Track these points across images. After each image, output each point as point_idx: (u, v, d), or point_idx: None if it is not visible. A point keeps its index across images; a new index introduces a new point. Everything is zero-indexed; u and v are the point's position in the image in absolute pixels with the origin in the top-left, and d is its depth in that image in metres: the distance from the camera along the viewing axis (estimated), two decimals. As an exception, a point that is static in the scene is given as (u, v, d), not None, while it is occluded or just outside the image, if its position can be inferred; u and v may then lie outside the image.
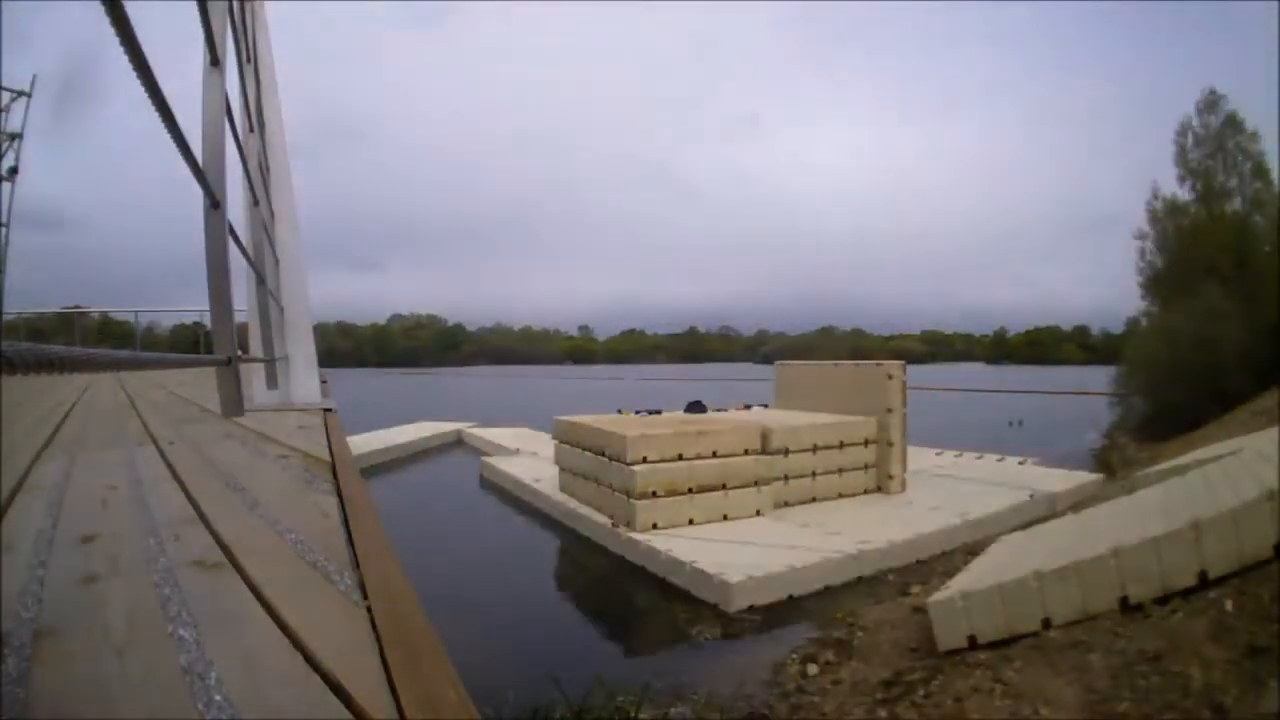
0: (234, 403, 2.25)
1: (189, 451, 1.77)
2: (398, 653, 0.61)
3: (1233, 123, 13.55)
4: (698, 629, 4.97)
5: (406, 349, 76.23)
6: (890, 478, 8.14)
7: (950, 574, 4.73)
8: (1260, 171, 13.28)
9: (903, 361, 8.48)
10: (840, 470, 7.91)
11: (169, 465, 1.55)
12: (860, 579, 5.72)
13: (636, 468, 6.68)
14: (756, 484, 7.17)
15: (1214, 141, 13.65)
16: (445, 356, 76.70)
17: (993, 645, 3.57)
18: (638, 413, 10.83)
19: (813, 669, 4.07)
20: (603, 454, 7.31)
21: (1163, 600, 3.28)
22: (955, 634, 3.73)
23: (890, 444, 8.14)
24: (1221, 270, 12.28)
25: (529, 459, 10.64)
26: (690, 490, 6.81)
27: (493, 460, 10.74)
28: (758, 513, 7.10)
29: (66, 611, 0.69)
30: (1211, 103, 13.82)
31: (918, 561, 6.07)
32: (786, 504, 7.41)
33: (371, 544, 0.95)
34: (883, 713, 3.40)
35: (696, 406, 11.79)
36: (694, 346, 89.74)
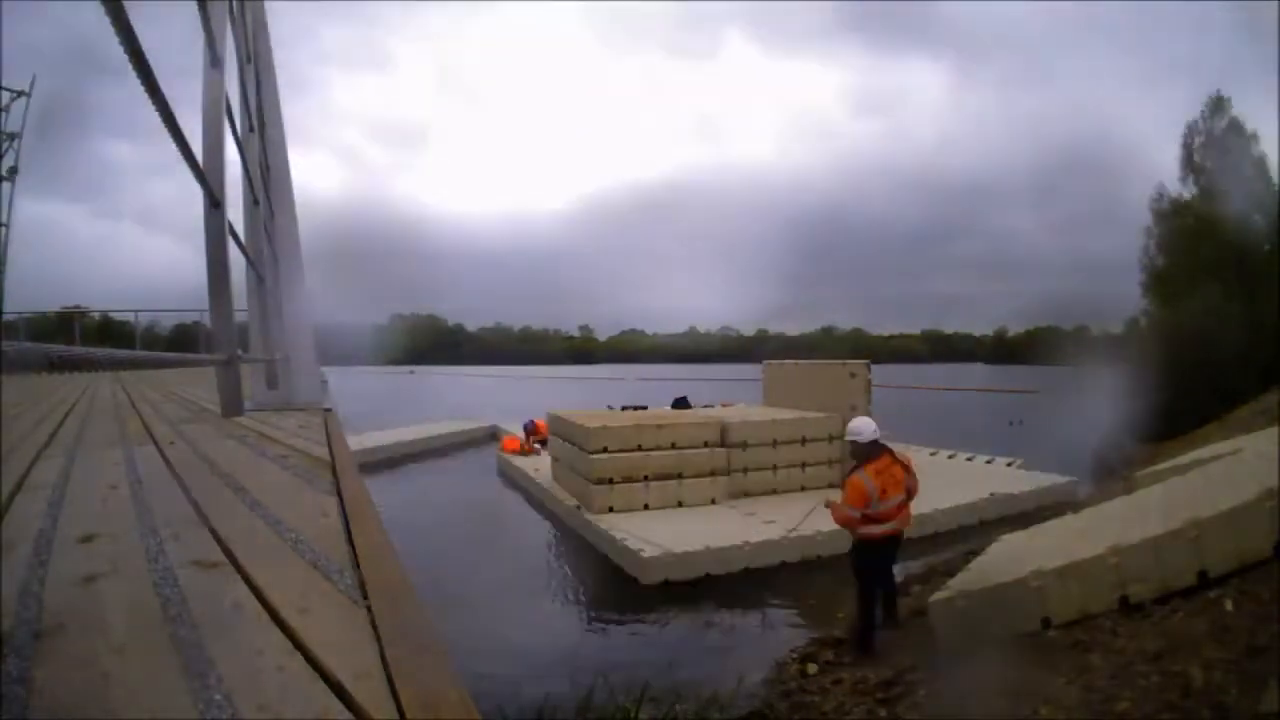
0: (234, 403, 2.26)
1: (189, 451, 1.77)
2: (398, 653, 0.61)
3: (1235, 126, 13.62)
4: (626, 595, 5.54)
5: (406, 349, 76.06)
6: None
7: (950, 573, 4.73)
8: (1262, 172, 13.31)
9: (866, 360, 8.69)
10: (803, 465, 8.21)
11: (169, 465, 1.55)
12: (784, 564, 6.06)
13: (595, 456, 7.23)
14: (712, 474, 7.63)
15: (1218, 144, 13.70)
16: (445, 356, 76.57)
17: (993, 645, 3.57)
18: (624, 408, 11.35)
19: (812, 668, 4.07)
20: (574, 444, 7.85)
21: (1163, 600, 3.28)
22: (955, 633, 3.73)
23: None
24: (1222, 270, 12.27)
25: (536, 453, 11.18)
26: (646, 478, 7.32)
27: (507, 454, 11.39)
28: (713, 501, 7.53)
29: (66, 611, 0.69)
30: (1217, 105, 13.89)
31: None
32: (747, 494, 7.79)
33: (371, 544, 0.95)
34: (883, 712, 3.40)
35: (682, 403, 12.23)
36: (694, 346, 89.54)
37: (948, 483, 8.28)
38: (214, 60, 1.82)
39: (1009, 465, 9.75)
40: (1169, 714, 2.66)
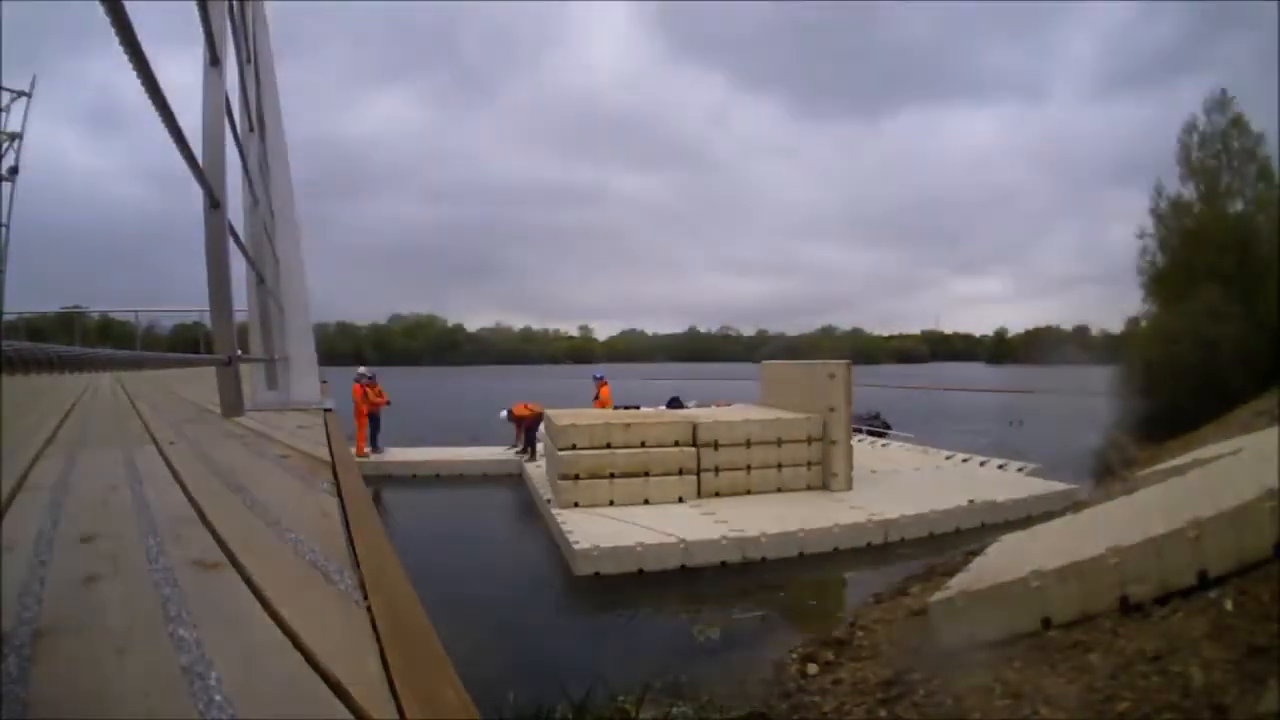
0: (234, 403, 2.25)
1: (189, 451, 1.77)
2: (398, 653, 0.61)
3: (1238, 123, 13.46)
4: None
5: (406, 349, 75.93)
6: (834, 475, 8.13)
7: (950, 573, 4.72)
8: (1264, 173, 13.21)
9: (847, 361, 8.53)
10: (779, 466, 8.08)
11: (169, 465, 1.54)
12: (725, 564, 6.13)
13: (563, 453, 7.46)
14: (680, 472, 7.69)
15: (1219, 142, 13.57)
16: (445, 356, 76.42)
17: (993, 645, 3.57)
18: (616, 408, 11.43)
19: (813, 668, 4.07)
20: (551, 441, 8.19)
21: (1163, 600, 3.28)
22: (955, 633, 3.73)
23: (833, 442, 8.15)
24: (1223, 270, 12.24)
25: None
26: (611, 475, 7.47)
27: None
28: (680, 499, 7.58)
29: (66, 611, 0.69)
30: (1220, 103, 13.73)
31: (800, 555, 6.35)
32: (719, 494, 7.78)
33: (371, 544, 0.95)
34: (883, 712, 3.40)
35: (675, 403, 12.52)
36: (694, 346, 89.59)
37: (937, 488, 8.16)
38: (214, 60, 1.82)
39: (1020, 469, 9.48)
40: (1169, 714, 2.66)
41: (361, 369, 11.68)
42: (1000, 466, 9.63)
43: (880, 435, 12.92)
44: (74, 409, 2.93)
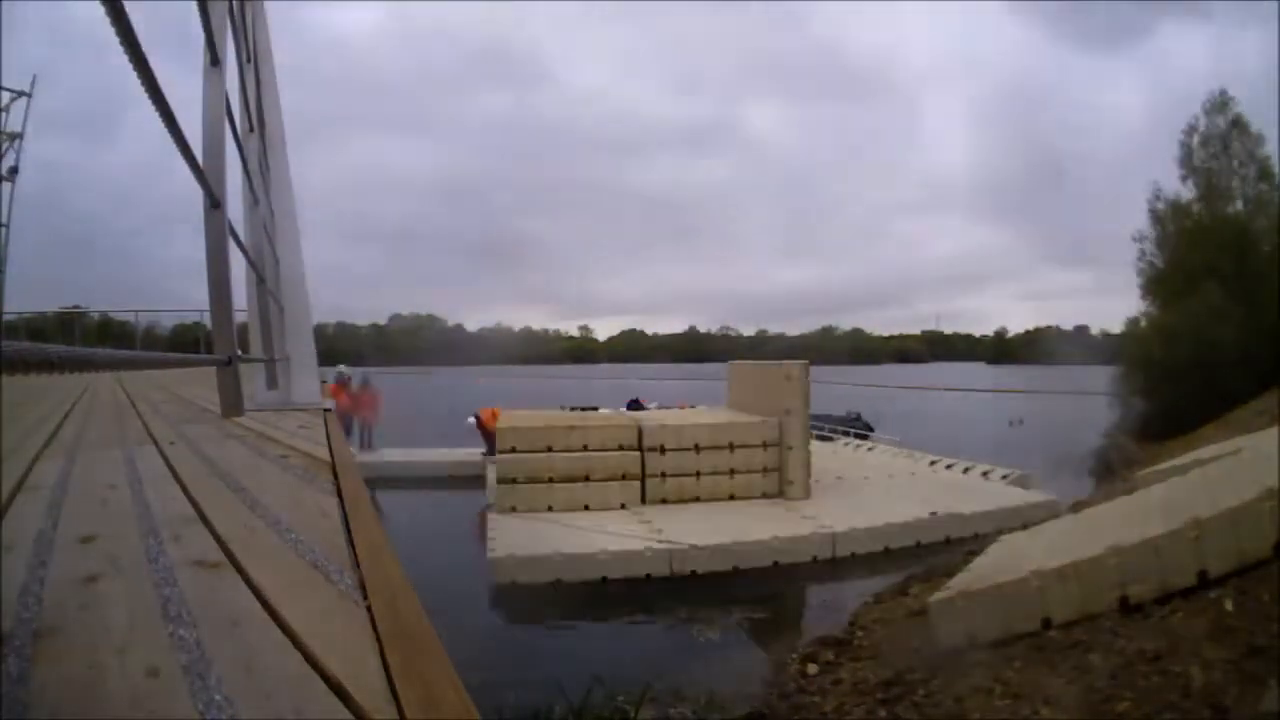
0: (234, 403, 2.25)
1: (189, 451, 1.77)
2: (398, 653, 0.61)
3: (1239, 124, 13.44)
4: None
5: (406, 349, 75.97)
6: (790, 483, 7.62)
7: (950, 573, 4.72)
8: (1265, 174, 13.20)
9: (805, 362, 8.07)
10: (731, 472, 7.62)
11: (169, 465, 1.54)
12: (649, 576, 5.79)
13: (502, 455, 7.31)
14: (623, 478, 7.35)
15: (1219, 142, 13.56)
16: (445, 356, 76.47)
17: (993, 645, 3.57)
18: (571, 409, 11.41)
19: (813, 668, 4.07)
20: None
21: (1163, 600, 3.28)
22: (955, 633, 3.73)
23: (790, 447, 7.63)
24: (1222, 270, 12.24)
25: None
26: (550, 480, 7.20)
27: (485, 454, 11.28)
28: (622, 506, 7.22)
29: (66, 611, 0.69)
30: (1220, 104, 13.72)
31: (735, 569, 5.92)
32: (665, 501, 7.39)
33: (371, 544, 0.96)
34: (883, 712, 3.40)
35: (635, 404, 12.42)
36: (694, 346, 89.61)
37: (904, 498, 7.57)
38: (214, 60, 1.82)
39: (1004, 478, 8.84)
40: (1169, 714, 2.66)
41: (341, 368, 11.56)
42: (985, 474, 9.06)
43: (863, 437, 12.53)
44: (74, 409, 2.93)
